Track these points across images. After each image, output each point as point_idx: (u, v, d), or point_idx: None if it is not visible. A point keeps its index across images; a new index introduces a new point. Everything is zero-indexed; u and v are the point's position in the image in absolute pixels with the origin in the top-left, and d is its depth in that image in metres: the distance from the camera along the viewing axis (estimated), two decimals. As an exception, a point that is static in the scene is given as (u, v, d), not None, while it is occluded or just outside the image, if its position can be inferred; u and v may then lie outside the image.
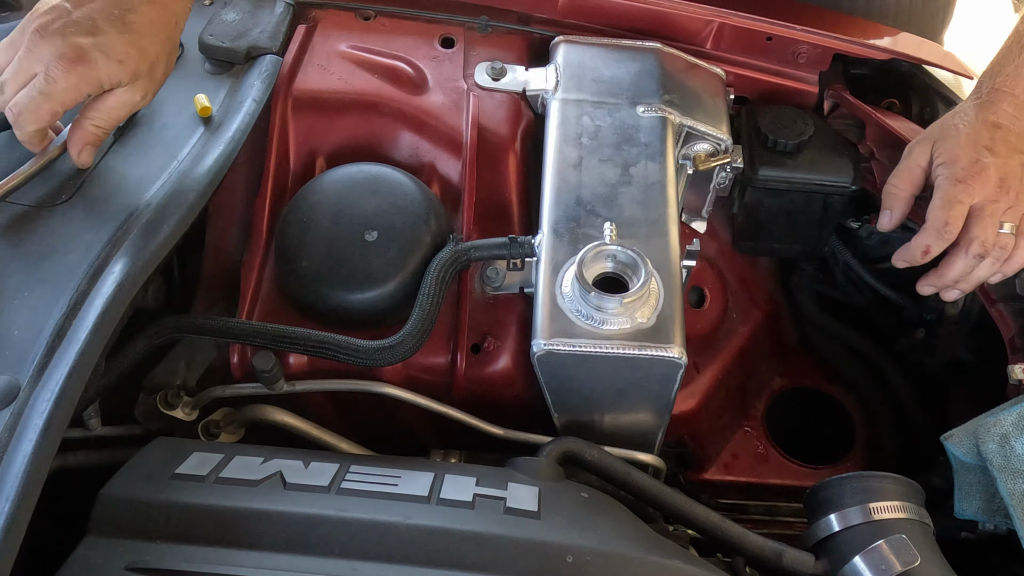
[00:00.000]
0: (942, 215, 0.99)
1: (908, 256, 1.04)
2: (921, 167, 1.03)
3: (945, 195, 0.99)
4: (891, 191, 1.06)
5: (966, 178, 0.98)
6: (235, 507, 0.74)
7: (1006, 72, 1.01)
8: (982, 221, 0.98)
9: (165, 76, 0.96)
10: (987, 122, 1.00)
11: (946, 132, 1.02)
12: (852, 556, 0.83)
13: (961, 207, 0.98)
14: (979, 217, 0.98)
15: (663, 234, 0.97)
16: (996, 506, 0.96)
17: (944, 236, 0.99)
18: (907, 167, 1.04)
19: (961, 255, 1.00)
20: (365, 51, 1.13)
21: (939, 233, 0.99)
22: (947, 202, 0.98)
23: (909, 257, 1.04)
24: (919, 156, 1.04)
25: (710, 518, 0.89)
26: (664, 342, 0.88)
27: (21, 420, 0.71)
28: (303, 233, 0.97)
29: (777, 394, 1.39)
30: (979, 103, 1.02)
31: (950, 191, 0.98)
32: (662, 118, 1.07)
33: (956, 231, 0.99)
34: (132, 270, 0.82)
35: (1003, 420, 0.94)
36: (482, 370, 0.99)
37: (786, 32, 1.19)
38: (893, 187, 1.06)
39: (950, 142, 1.01)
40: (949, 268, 1.02)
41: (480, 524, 0.75)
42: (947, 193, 0.99)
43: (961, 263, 1.01)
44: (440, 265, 0.95)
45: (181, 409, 0.95)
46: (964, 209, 0.98)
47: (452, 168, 1.08)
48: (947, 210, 0.98)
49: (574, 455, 0.90)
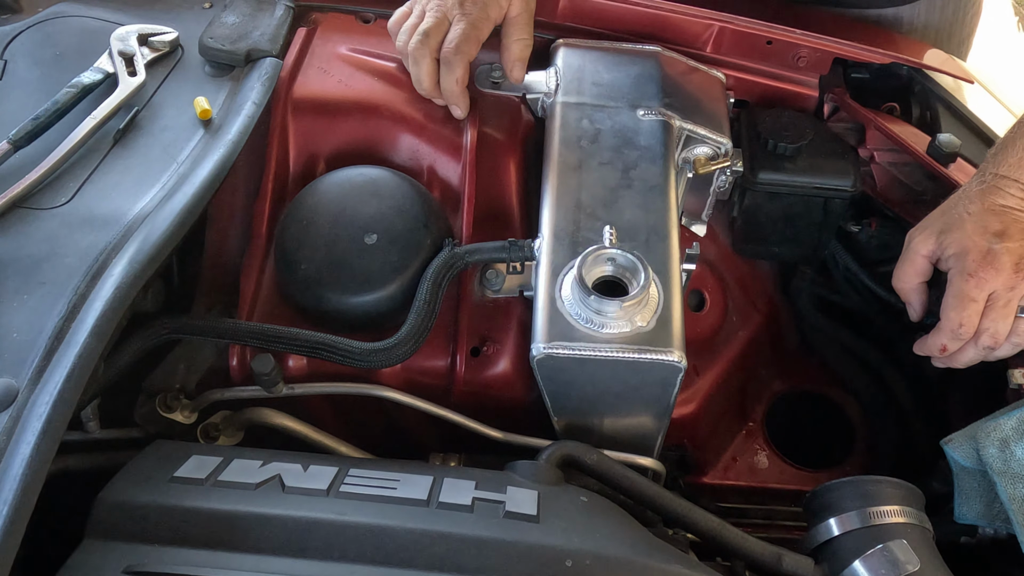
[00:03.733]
0: (956, 316, 0.96)
1: (926, 351, 1.02)
2: (923, 256, 1.01)
3: (958, 293, 0.96)
4: (899, 287, 1.05)
5: (978, 271, 0.95)
6: (234, 510, 0.74)
7: (1010, 161, 0.98)
8: (994, 312, 0.95)
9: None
10: (995, 207, 0.97)
11: (952, 222, 0.99)
12: (852, 560, 0.83)
13: (975, 305, 0.95)
14: (992, 308, 0.95)
15: (663, 238, 0.97)
16: (996, 511, 0.96)
17: (960, 336, 0.97)
18: (908, 259, 1.03)
19: (971, 346, 0.98)
20: (365, 54, 1.13)
21: (954, 334, 0.97)
22: (960, 301, 0.96)
23: (927, 352, 1.02)
24: (920, 245, 1.01)
25: (709, 522, 0.89)
26: (664, 346, 0.88)
27: (19, 423, 0.71)
28: (303, 236, 0.97)
29: (777, 398, 1.39)
30: (984, 189, 0.99)
31: (962, 288, 0.96)
32: (662, 122, 1.07)
33: (971, 330, 0.96)
34: (131, 273, 0.82)
35: (1003, 425, 0.93)
36: (481, 373, 0.99)
37: (786, 36, 1.19)
38: (901, 282, 1.05)
39: (957, 233, 0.98)
40: (962, 355, 1.00)
41: (479, 528, 0.74)
42: (959, 291, 0.96)
43: (972, 353, 0.99)
44: (437, 269, 0.95)
45: (180, 412, 0.95)
46: (979, 307, 0.95)
47: (452, 171, 1.08)
48: (960, 311, 0.96)
49: (573, 459, 0.90)
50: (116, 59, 1.05)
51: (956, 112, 1.20)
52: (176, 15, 1.15)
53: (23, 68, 1.06)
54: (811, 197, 1.17)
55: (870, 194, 1.16)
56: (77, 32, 1.11)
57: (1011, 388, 1.00)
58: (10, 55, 1.07)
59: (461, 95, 1.08)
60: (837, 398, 1.38)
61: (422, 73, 1.07)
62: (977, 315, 0.96)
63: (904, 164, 1.17)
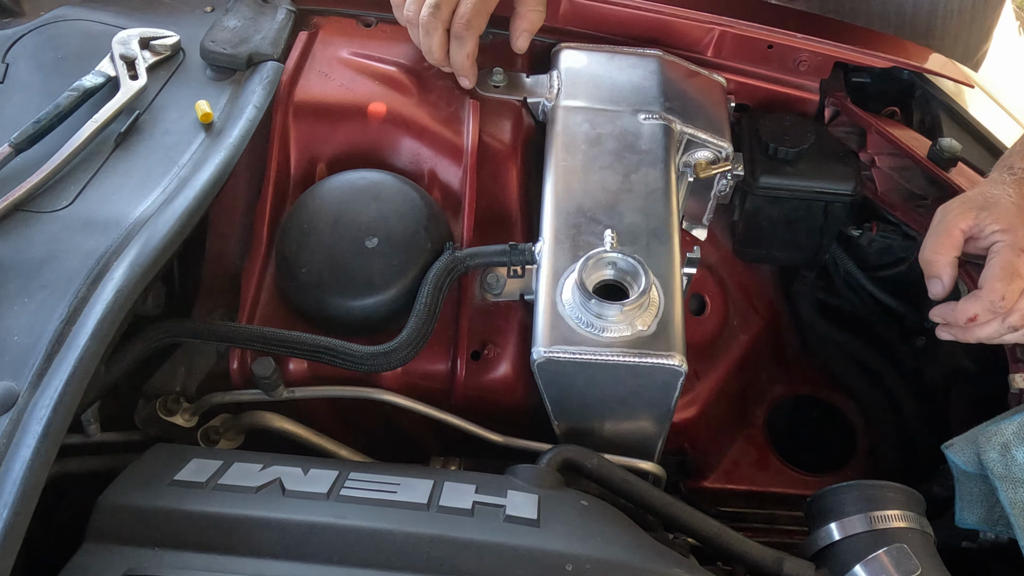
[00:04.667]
0: (1001, 287, 0.91)
1: (950, 317, 0.97)
2: (961, 229, 0.96)
3: (1007, 265, 0.92)
4: (932, 258, 0.97)
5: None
6: (234, 514, 0.74)
7: None
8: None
9: None
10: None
11: (992, 201, 0.95)
12: (853, 565, 0.83)
13: (1020, 281, 0.91)
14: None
15: (664, 241, 0.97)
16: (997, 515, 0.96)
17: (997, 309, 0.93)
18: (945, 229, 0.96)
19: (997, 322, 0.94)
20: (366, 58, 1.14)
21: (992, 305, 0.92)
22: (1008, 272, 0.91)
23: (951, 319, 0.97)
24: (958, 218, 0.96)
25: (710, 526, 0.88)
26: (664, 350, 0.88)
27: (20, 426, 0.71)
28: (303, 239, 0.97)
29: (778, 402, 1.39)
30: (1017, 179, 0.96)
31: (1012, 261, 0.91)
32: (663, 125, 1.07)
33: (1011, 304, 0.92)
34: (132, 276, 0.82)
35: (1004, 429, 0.93)
36: (482, 377, 0.99)
37: (787, 40, 1.19)
38: (934, 254, 0.97)
39: (1001, 211, 0.94)
40: (981, 329, 0.95)
41: (479, 532, 0.74)
42: (1008, 263, 0.91)
43: (994, 328, 0.95)
44: (438, 273, 0.95)
45: (180, 415, 0.95)
46: (1023, 283, 0.92)
47: (453, 175, 1.08)
48: (1007, 282, 0.91)
49: (574, 463, 0.90)
50: (118, 63, 1.05)
51: (957, 116, 1.21)
52: (177, 19, 1.15)
53: (25, 71, 1.06)
54: (812, 201, 1.17)
55: (871, 198, 1.16)
56: (79, 36, 1.11)
57: (1012, 392, 1.00)
58: (12, 58, 1.07)
59: (471, 68, 1.10)
60: (838, 402, 1.38)
61: (433, 44, 1.08)
62: (1019, 292, 0.92)
63: (905, 168, 1.17)
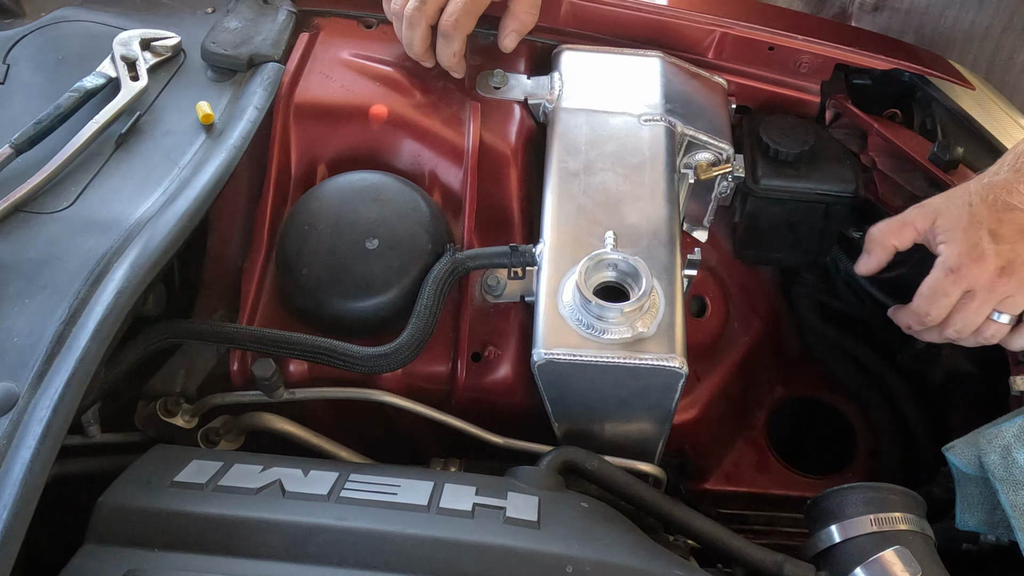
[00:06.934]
0: (924, 306, 0.97)
1: (896, 320, 1.04)
2: (916, 229, 1.00)
3: (933, 284, 0.96)
4: (876, 236, 1.03)
5: (960, 267, 0.93)
6: (234, 515, 0.74)
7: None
8: (966, 311, 0.95)
9: None
10: (998, 202, 0.94)
11: (951, 208, 0.97)
12: (853, 567, 0.83)
13: (946, 300, 0.95)
14: (965, 306, 0.95)
15: (664, 243, 0.96)
16: (998, 518, 0.96)
17: (924, 324, 0.99)
18: (901, 220, 1.01)
19: (935, 332, 0.99)
20: (367, 59, 1.14)
21: (919, 319, 0.99)
22: (933, 292, 0.96)
23: (896, 322, 1.04)
24: (918, 219, 0.99)
25: (710, 528, 0.88)
26: (665, 351, 0.88)
27: (20, 427, 0.71)
28: (304, 240, 0.97)
29: (778, 404, 1.38)
30: (995, 181, 0.96)
31: (939, 280, 0.95)
32: (664, 127, 1.07)
33: (937, 321, 0.97)
34: (132, 277, 0.82)
35: (1005, 431, 0.93)
36: (482, 379, 0.99)
37: (788, 42, 1.19)
38: (880, 233, 1.03)
39: (953, 220, 0.96)
40: (925, 335, 1.01)
41: (479, 534, 0.74)
42: (935, 282, 0.96)
43: (933, 337, 1.00)
44: (438, 274, 0.95)
45: (181, 416, 0.95)
46: (950, 301, 0.95)
47: (453, 176, 1.08)
48: (930, 302, 0.96)
49: (574, 465, 0.90)
50: (119, 64, 1.05)
51: (958, 118, 1.20)
52: (178, 20, 1.15)
53: (26, 72, 1.06)
54: (813, 203, 1.17)
55: (872, 200, 1.16)
56: (80, 37, 1.11)
57: (1013, 395, 1.00)
58: (13, 59, 1.08)
59: (458, 64, 1.10)
60: (839, 404, 1.38)
61: (415, 38, 1.08)
62: (946, 309, 0.96)
63: (906, 170, 1.17)
